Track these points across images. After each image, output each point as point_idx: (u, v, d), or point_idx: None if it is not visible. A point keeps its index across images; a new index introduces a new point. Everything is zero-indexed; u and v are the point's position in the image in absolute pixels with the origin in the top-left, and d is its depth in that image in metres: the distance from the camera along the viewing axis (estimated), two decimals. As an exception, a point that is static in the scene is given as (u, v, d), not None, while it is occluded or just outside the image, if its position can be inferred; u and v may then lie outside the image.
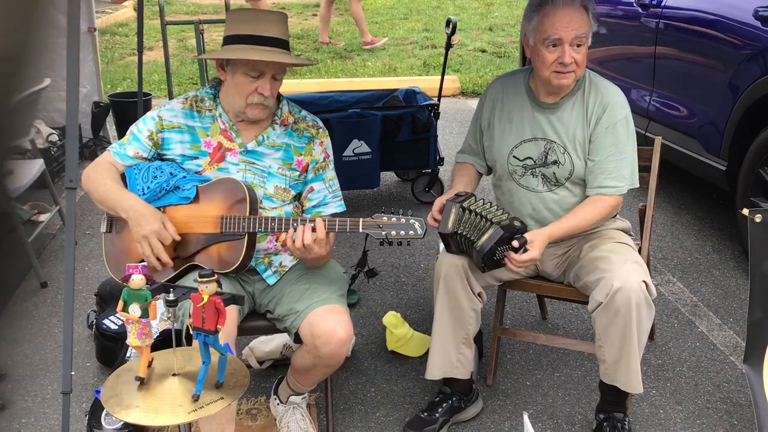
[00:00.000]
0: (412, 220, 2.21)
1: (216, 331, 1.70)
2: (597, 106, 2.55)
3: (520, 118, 2.63)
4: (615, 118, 2.53)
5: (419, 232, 2.20)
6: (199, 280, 1.71)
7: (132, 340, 1.71)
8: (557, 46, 2.45)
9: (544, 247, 2.45)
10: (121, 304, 1.72)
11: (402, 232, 2.20)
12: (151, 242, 2.30)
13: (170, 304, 1.73)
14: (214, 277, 1.71)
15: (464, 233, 2.41)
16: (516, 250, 2.40)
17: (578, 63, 2.47)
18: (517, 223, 2.44)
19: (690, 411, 2.85)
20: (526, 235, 2.42)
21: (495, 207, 2.48)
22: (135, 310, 1.69)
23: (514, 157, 2.64)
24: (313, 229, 2.23)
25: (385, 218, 2.22)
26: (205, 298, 1.69)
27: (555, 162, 2.59)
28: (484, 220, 2.40)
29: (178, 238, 2.33)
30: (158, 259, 2.32)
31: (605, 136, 2.53)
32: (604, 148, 2.53)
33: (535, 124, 2.61)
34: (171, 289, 1.74)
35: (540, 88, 2.61)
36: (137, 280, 1.72)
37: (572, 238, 2.67)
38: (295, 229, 2.24)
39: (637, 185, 2.62)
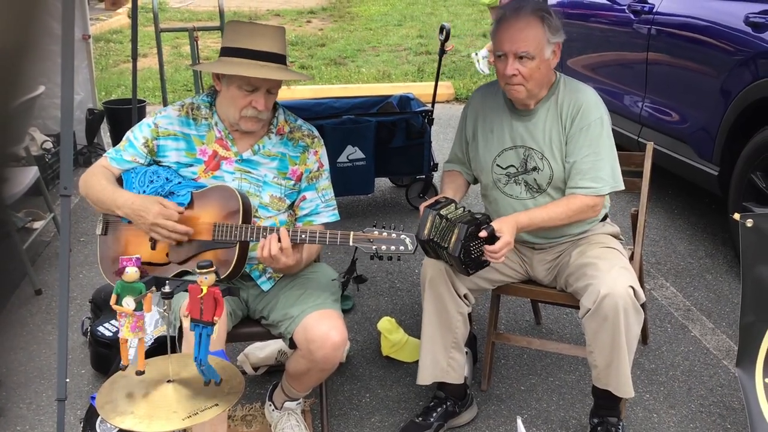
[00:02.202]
0: (403, 236, 2.22)
1: (213, 323, 1.71)
2: (571, 107, 2.56)
3: (500, 127, 2.66)
4: (589, 119, 2.54)
5: (410, 248, 2.21)
6: (198, 271, 1.72)
7: (125, 333, 1.71)
8: (504, 58, 2.50)
9: (514, 231, 2.45)
10: (114, 297, 1.73)
11: (392, 248, 2.21)
12: (161, 224, 2.31)
13: (166, 296, 1.73)
14: (212, 268, 1.73)
15: (436, 240, 2.42)
16: (488, 241, 2.41)
17: (525, 76, 2.47)
18: (478, 216, 2.45)
19: (683, 415, 2.86)
20: (493, 224, 2.43)
21: (461, 209, 2.48)
22: (129, 302, 1.69)
23: (498, 165, 2.66)
24: (279, 239, 2.24)
25: (376, 232, 2.23)
26: (204, 289, 1.70)
27: (534, 168, 2.61)
28: (449, 223, 2.41)
29: (181, 209, 2.34)
30: (179, 233, 2.34)
31: (579, 136, 2.54)
32: (580, 149, 2.54)
33: (514, 132, 2.63)
34: (166, 282, 1.75)
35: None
36: (131, 272, 1.72)
37: (560, 239, 2.68)
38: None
39: (621, 187, 2.61)
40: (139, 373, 1.75)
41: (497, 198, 2.70)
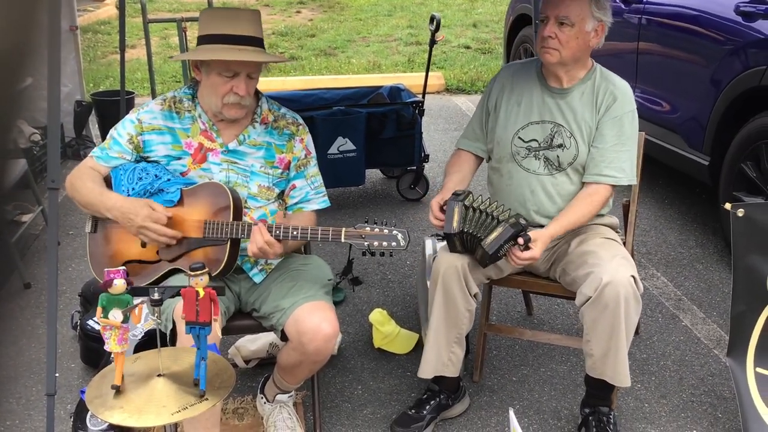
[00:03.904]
0: (395, 231, 2.21)
1: (210, 323, 1.70)
2: (607, 95, 2.59)
3: (529, 101, 2.67)
4: (623, 110, 2.58)
5: (402, 244, 2.21)
6: (192, 273, 1.71)
7: (112, 346, 1.69)
8: (545, 22, 2.55)
9: (545, 247, 2.49)
10: (99, 310, 1.71)
11: (384, 243, 2.21)
12: (149, 227, 2.29)
13: (155, 303, 1.72)
14: (205, 270, 1.72)
15: (471, 231, 2.43)
16: (520, 248, 2.43)
17: (561, 41, 2.52)
18: (522, 221, 2.47)
19: (675, 404, 2.87)
20: (530, 234, 2.44)
21: (496, 204, 2.50)
22: (117, 315, 1.67)
23: (519, 138, 2.66)
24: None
25: (368, 228, 2.22)
26: (201, 291, 1.69)
27: (560, 145, 2.61)
28: (490, 217, 2.42)
29: (169, 214, 2.33)
30: (167, 237, 2.32)
31: (612, 125, 2.57)
32: (609, 138, 2.57)
33: (544, 108, 2.65)
34: (152, 290, 1.73)
35: (548, 73, 2.66)
36: (119, 284, 1.70)
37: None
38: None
39: (635, 182, 2.65)
40: (114, 387, 1.69)
41: (512, 171, 2.69)
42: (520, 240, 2.41)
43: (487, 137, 2.77)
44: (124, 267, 1.78)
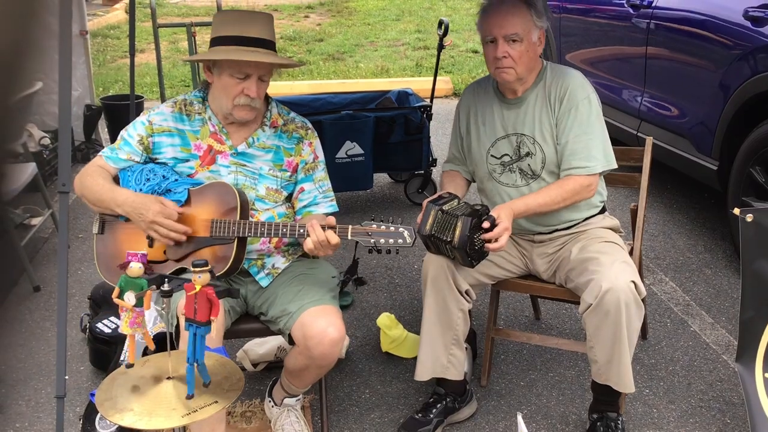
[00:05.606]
0: (401, 229, 2.22)
1: (208, 323, 1.70)
2: (559, 90, 2.60)
3: (491, 118, 2.70)
4: (576, 99, 2.57)
5: (408, 241, 2.21)
6: (193, 269, 1.71)
7: (124, 327, 1.72)
8: (494, 43, 2.55)
9: (511, 217, 2.46)
10: (116, 290, 1.73)
11: (391, 240, 2.22)
12: (161, 222, 2.31)
13: (165, 294, 1.72)
14: (207, 267, 1.72)
15: (438, 235, 2.43)
16: (488, 231, 2.42)
17: (514, 58, 2.53)
18: (477, 206, 2.47)
19: (683, 410, 2.86)
20: (491, 213, 2.45)
21: (458, 201, 2.51)
22: (130, 298, 1.70)
23: (492, 156, 2.69)
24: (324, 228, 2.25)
25: (374, 226, 2.23)
26: (197, 287, 1.70)
27: (528, 154, 2.63)
28: (450, 216, 2.42)
29: (180, 209, 2.34)
30: (178, 232, 2.33)
31: (569, 117, 2.57)
32: (570, 130, 2.56)
33: (506, 121, 2.67)
34: (167, 279, 1.74)
35: (504, 87, 2.69)
36: (135, 267, 1.72)
37: (559, 226, 2.68)
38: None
39: (614, 166, 2.63)
40: (129, 366, 1.74)
41: (493, 189, 2.72)
42: (485, 224, 2.40)
43: (467, 160, 2.80)
44: (145, 252, 1.80)
